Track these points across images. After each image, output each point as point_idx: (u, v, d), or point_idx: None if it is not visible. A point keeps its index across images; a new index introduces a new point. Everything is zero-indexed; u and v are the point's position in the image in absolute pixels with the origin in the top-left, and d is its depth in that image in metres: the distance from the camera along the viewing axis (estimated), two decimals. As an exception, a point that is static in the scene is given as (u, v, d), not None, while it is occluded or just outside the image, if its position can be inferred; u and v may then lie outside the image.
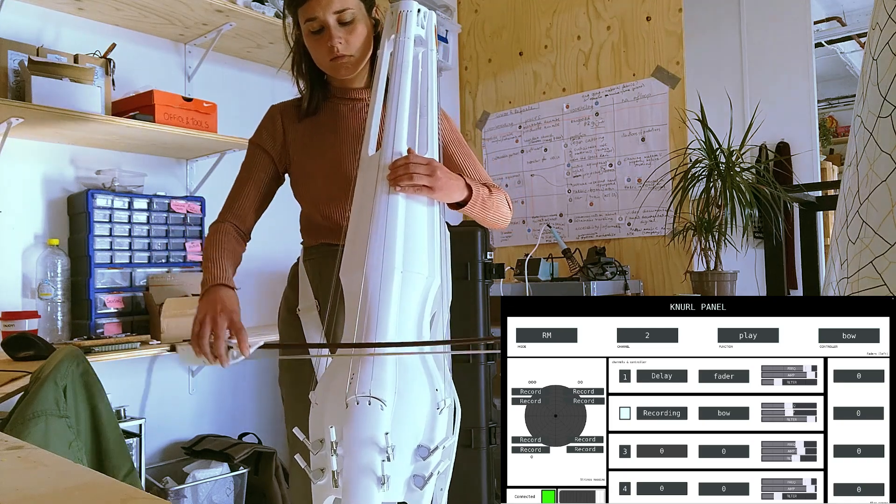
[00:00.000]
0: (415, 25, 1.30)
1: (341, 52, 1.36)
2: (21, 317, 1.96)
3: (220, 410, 2.57)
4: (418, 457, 1.09)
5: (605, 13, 3.10)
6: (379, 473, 1.02)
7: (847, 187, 0.89)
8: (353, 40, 1.37)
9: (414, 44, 1.30)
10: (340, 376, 1.11)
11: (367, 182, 1.24)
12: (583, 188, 3.17)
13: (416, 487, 1.07)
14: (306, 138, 1.46)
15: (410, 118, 1.27)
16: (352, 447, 1.04)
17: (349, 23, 1.36)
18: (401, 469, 1.06)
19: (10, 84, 1.96)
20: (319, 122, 1.47)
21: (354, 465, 1.03)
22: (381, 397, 1.06)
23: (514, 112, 3.44)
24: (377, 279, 1.14)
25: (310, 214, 1.48)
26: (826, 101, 6.24)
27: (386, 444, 1.03)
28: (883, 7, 0.83)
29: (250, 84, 2.76)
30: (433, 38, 1.34)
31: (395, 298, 1.14)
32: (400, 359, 1.12)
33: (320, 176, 1.43)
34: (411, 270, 1.17)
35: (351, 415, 1.06)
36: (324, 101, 1.48)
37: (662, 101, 2.91)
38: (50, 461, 0.72)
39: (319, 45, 1.38)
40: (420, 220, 1.22)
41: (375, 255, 1.16)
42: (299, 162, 1.46)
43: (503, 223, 1.49)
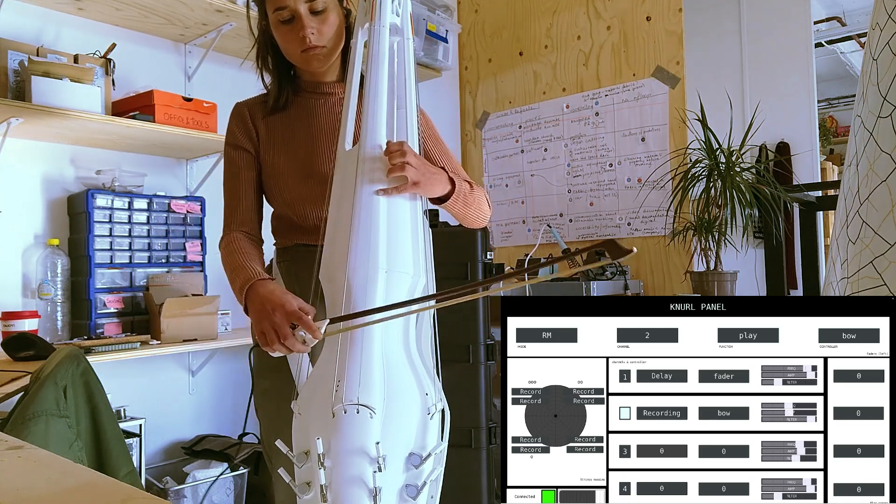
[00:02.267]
0: (389, 13, 1.23)
1: (314, 43, 1.29)
2: (21, 317, 1.96)
3: (220, 410, 2.57)
4: (410, 465, 1.05)
5: (605, 13, 3.10)
6: (371, 485, 0.98)
7: (847, 187, 0.89)
8: (325, 30, 1.30)
9: (389, 32, 1.23)
10: (325, 384, 1.06)
11: (345, 178, 1.18)
12: (583, 188, 3.17)
13: (409, 498, 1.04)
14: (276, 135, 1.38)
15: (388, 111, 1.21)
16: (340, 459, 0.99)
17: (321, 12, 1.29)
18: (393, 479, 1.02)
19: (10, 84, 1.96)
20: (289, 117, 1.39)
21: (344, 478, 0.98)
22: (370, 404, 1.02)
23: (514, 112, 3.44)
24: (361, 280, 1.09)
25: (282, 214, 1.40)
26: (826, 101, 6.24)
27: (377, 454, 0.99)
28: (883, 7, 0.83)
29: (250, 84, 2.75)
30: (409, 25, 1.27)
31: (380, 299, 1.10)
32: (387, 363, 1.08)
33: (293, 174, 1.35)
34: (396, 270, 1.12)
35: (338, 424, 1.01)
36: (293, 95, 1.40)
37: (662, 101, 2.91)
38: (50, 461, 0.72)
39: (290, 36, 1.30)
40: (403, 216, 1.17)
41: (359, 255, 1.10)
42: (270, 161, 1.38)
43: (482, 221, 1.43)
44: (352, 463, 0.99)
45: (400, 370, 1.09)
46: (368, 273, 1.10)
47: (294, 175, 1.35)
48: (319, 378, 1.08)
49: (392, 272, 1.12)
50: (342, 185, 1.18)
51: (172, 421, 2.42)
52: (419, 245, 1.18)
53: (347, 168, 1.18)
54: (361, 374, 1.04)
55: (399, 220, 1.16)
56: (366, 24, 1.24)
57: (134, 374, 2.32)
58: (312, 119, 1.38)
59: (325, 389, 1.05)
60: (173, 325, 2.09)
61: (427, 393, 1.10)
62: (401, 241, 1.15)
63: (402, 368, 1.10)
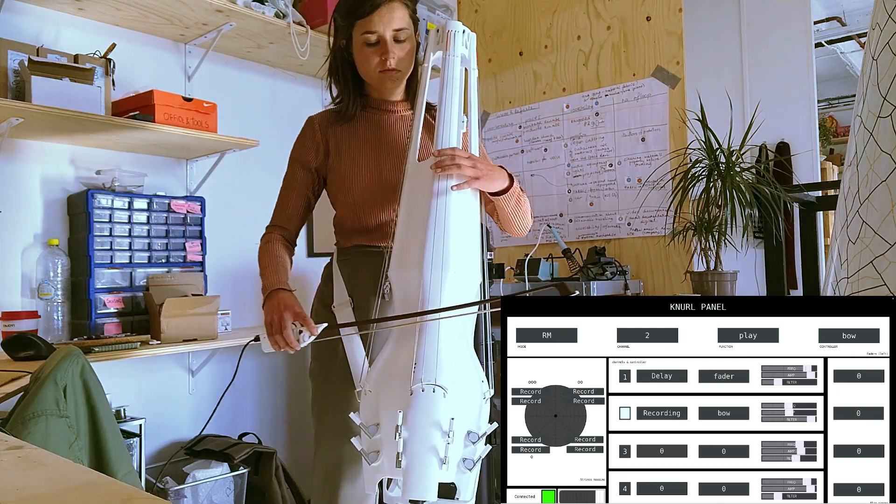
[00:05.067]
0: (461, 45, 1.42)
1: (392, 66, 1.46)
2: (21, 317, 1.96)
3: (220, 410, 2.57)
4: (469, 441, 1.20)
5: (605, 13, 3.10)
6: (441, 455, 1.13)
7: (847, 187, 0.89)
8: (403, 56, 1.48)
9: (460, 62, 1.42)
10: (400, 365, 1.22)
11: (415, 186, 1.35)
12: (583, 188, 3.17)
13: (466, 469, 1.19)
14: (343, 144, 1.54)
15: (457, 128, 1.39)
16: (418, 431, 1.14)
17: (403, 41, 1.47)
18: (457, 452, 1.17)
19: (10, 84, 1.96)
20: (356, 129, 1.55)
21: (420, 447, 1.13)
22: (443, 384, 1.18)
23: (515, 112, 3.44)
24: (429, 277, 1.26)
25: (344, 218, 1.56)
26: (826, 101, 6.24)
27: (449, 428, 1.14)
28: (883, 7, 0.83)
29: (250, 84, 2.76)
30: (474, 57, 1.46)
31: (446, 295, 1.25)
32: (454, 352, 1.24)
33: (357, 182, 1.51)
34: (461, 270, 1.28)
35: (416, 401, 1.17)
36: (361, 110, 1.56)
37: (662, 101, 2.91)
38: (50, 461, 0.72)
39: (371, 57, 1.46)
40: (468, 222, 1.34)
41: (433, 255, 1.27)
42: (336, 168, 1.54)
43: (525, 228, 1.59)
44: (427, 434, 1.14)
45: (463, 357, 1.27)
46: (435, 271, 1.26)
47: (358, 181, 1.52)
48: (392, 362, 1.25)
49: (457, 272, 1.27)
50: (412, 192, 1.36)
51: (172, 421, 2.42)
52: (478, 248, 1.35)
53: (418, 177, 1.36)
54: (438, 358, 1.21)
55: (467, 225, 1.33)
56: (438, 52, 1.44)
57: (134, 374, 2.32)
58: (377, 132, 1.55)
59: (401, 370, 1.21)
60: (173, 325, 2.09)
61: (482, 380, 1.28)
62: (467, 245, 1.32)
63: (464, 355, 1.27)
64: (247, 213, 2.62)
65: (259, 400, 2.71)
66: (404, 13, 1.46)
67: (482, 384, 1.28)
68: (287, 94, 2.87)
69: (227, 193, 2.60)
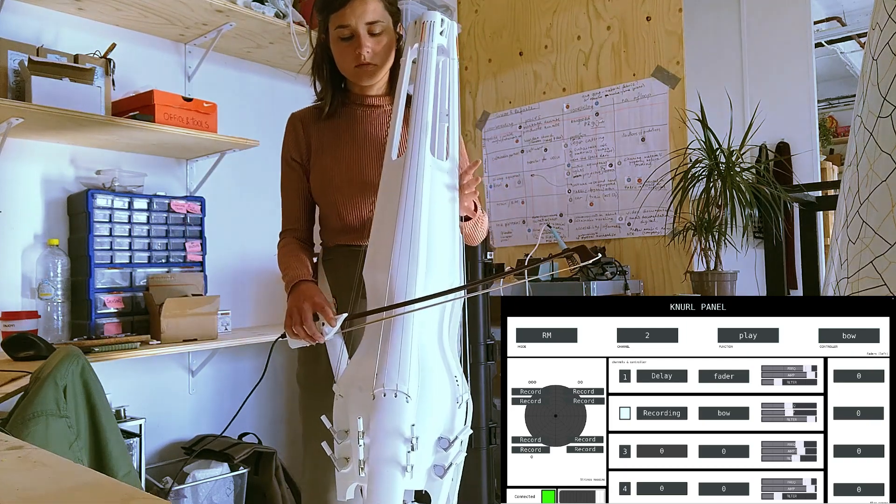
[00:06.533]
0: (438, 35, 1.37)
1: (367, 60, 1.43)
2: (21, 317, 1.96)
3: (220, 410, 2.57)
4: (439, 448, 1.16)
5: (605, 13, 3.10)
6: (403, 463, 1.09)
7: (847, 187, 0.89)
8: (378, 50, 1.44)
9: (437, 52, 1.37)
10: (366, 369, 1.18)
11: (390, 184, 1.30)
12: (583, 188, 3.17)
13: (437, 476, 1.15)
14: (325, 140, 1.52)
15: (433, 123, 1.34)
16: (378, 437, 1.10)
17: (378, 34, 1.43)
18: (423, 459, 1.13)
19: (10, 84, 1.96)
20: (337, 125, 1.53)
21: (380, 455, 1.10)
22: (406, 390, 1.13)
23: (514, 112, 3.44)
24: (403, 279, 1.21)
25: (327, 216, 1.55)
26: (826, 101, 6.24)
27: (411, 435, 1.10)
28: (883, 7, 0.83)
29: (250, 84, 2.76)
30: (454, 47, 1.40)
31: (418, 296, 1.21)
32: (423, 353, 1.20)
33: (338, 177, 1.49)
34: (434, 272, 1.24)
35: (378, 406, 1.12)
36: (342, 106, 1.54)
37: (662, 101, 2.90)
38: (50, 461, 0.72)
39: (346, 52, 1.44)
40: (444, 223, 1.29)
41: (401, 256, 1.22)
42: (318, 164, 1.52)
43: (480, 240, 1.61)
44: (388, 442, 1.10)
45: (434, 360, 1.21)
46: (409, 272, 1.22)
47: (339, 178, 1.49)
48: (360, 364, 1.21)
49: (430, 272, 1.23)
50: (387, 191, 1.30)
51: (172, 421, 2.42)
52: (455, 250, 1.31)
53: (393, 176, 1.31)
54: (400, 363, 1.16)
55: (440, 226, 1.28)
56: (415, 44, 1.38)
57: (134, 374, 2.32)
58: (357, 128, 1.52)
59: (367, 374, 1.17)
60: (173, 325, 2.09)
61: (457, 383, 1.23)
62: (441, 245, 1.27)
63: (436, 359, 1.22)
64: (247, 212, 2.62)
65: (259, 400, 2.71)
66: (378, 5, 1.43)
67: (456, 387, 1.22)
68: (287, 94, 2.87)
69: (227, 193, 2.60)
